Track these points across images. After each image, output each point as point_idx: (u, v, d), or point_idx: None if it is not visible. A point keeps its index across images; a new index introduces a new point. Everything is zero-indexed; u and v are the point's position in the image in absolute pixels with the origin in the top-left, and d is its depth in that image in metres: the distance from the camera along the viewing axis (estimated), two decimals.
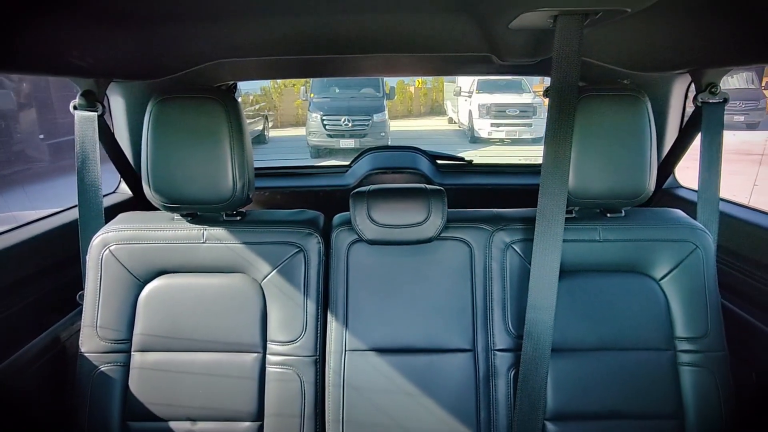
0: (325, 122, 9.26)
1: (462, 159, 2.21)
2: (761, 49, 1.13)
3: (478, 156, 8.70)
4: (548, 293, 1.13)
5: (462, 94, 11.53)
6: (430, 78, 13.91)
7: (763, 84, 13.13)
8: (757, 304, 1.31)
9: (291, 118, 13.16)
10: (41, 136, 8.19)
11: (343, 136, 9.27)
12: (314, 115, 9.40)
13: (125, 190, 1.78)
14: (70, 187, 1.38)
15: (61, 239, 1.41)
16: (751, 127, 12.23)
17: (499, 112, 10.22)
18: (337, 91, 9.92)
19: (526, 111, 10.11)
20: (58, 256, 1.40)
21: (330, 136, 9.33)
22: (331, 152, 9.53)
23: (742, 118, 12.27)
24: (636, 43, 1.40)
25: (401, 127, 12.53)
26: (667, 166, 1.68)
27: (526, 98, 10.27)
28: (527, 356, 1.14)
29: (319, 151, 9.53)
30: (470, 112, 10.76)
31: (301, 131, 10.81)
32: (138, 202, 1.73)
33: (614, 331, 1.21)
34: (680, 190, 1.80)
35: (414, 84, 14.64)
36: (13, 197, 7.05)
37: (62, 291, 1.37)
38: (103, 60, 1.28)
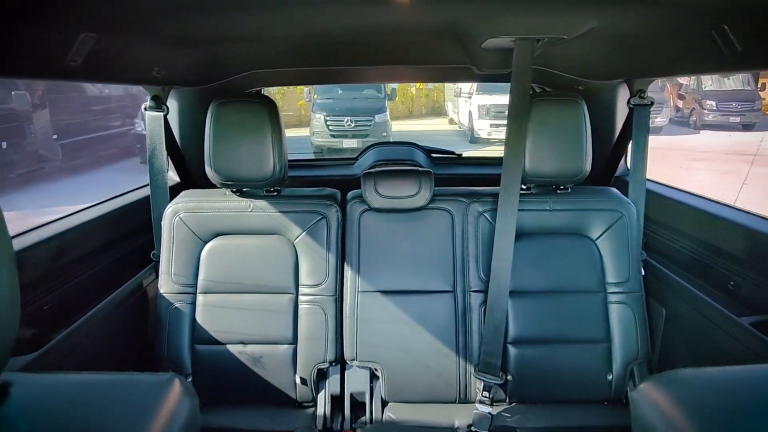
0: (328, 122, 9.67)
1: (452, 152, 2.65)
2: (672, 65, 1.56)
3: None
4: (507, 247, 1.56)
5: (462, 95, 11.94)
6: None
7: (759, 85, 13.55)
8: (673, 259, 1.73)
9: (294, 119, 13.59)
10: (54, 136, 8.63)
11: (345, 136, 9.69)
12: (318, 115, 9.82)
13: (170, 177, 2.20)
14: (82, 185, 1.78)
15: (133, 212, 1.84)
16: (746, 127, 12.65)
17: (498, 112, 10.59)
18: (340, 92, 10.34)
19: None
20: (132, 225, 1.83)
21: (333, 136, 9.75)
22: (334, 152, 9.94)
23: (738, 119, 12.68)
24: (584, 59, 1.83)
25: (403, 128, 12.93)
26: (617, 155, 2.10)
27: None
28: (492, 294, 1.57)
29: (322, 151, 9.93)
30: (470, 112, 11.18)
31: (303, 131, 11.21)
32: (183, 186, 2.15)
33: (560, 278, 1.63)
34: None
35: (415, 85, 15.06)
36: (26, 196, 7.49)
37: (137, 251, 1.80)
38: (172, 72, 1.71)
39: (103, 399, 0.69)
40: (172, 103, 2.06)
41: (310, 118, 10.51)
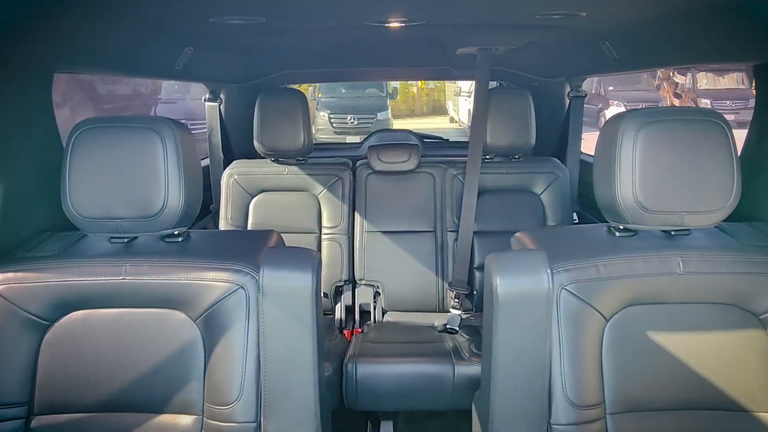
0: (332, 120, 10.34)
1: (441, 138, 3.32)
2: (588, 67, 2.23)
3: None
4: (472, 200, 2.22)
5: (462, 93, 12.59)
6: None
7: (753, 84, 14.13)
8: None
9: None
10: None
11: (348, 134, 10.33)
12: (322, 113, 10.49)
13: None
14: None
15: None
16: (741, 125, 13.24)
17: None
18: (344, 91, 11.00)
19: None
20: None
21: (336, 133, 10.40)
22: None
23: (732, 117, 13.27)
24: (534, 62, 2.50)
25: (404, 126, 13.58)
26: (566, 135, 2.76)
27: None
28: (462, 233, 2.23)
29: None
30: (469, 111, 11.79)
31: None
32: (226, 160, 2.83)
33: (512, 222, 2.29)
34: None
35: (417, 84, 15.71)
36: None
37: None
38: (227, 72, 2.39)
39: (238, 239, 1.37)
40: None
41: (314, 116, 11.18)
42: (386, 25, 1.66)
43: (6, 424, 1.13)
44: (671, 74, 13.97)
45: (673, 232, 1.20)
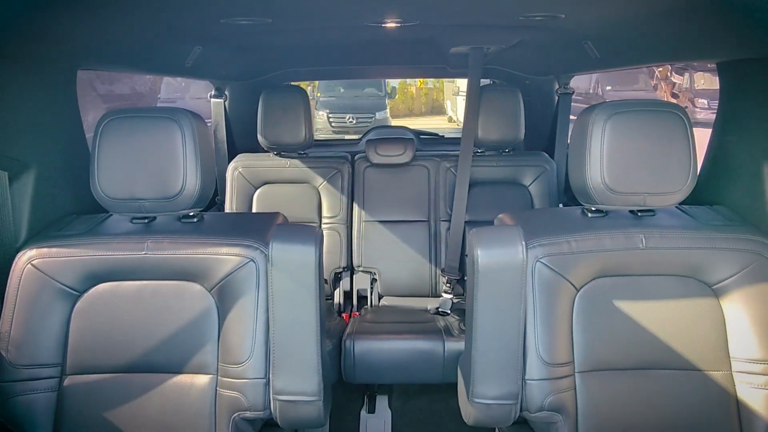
0: (331, 119, 10.49)
1: (436, 134, 3.48)
2: (575, 65, 2.39)
3: None
4: (463, 191, 2.38)
5: (460, 93, 12.72)
6: (431, 78, 15.24)
7: None
8: None
9: None
10: None
11: (347, 133, 10.49)
12: (320, 113, 10.63)
13: None
14: None
15: None
16: None
17: None
18: (342, 90, 11.15)
19: None
20: None
21: (335, 132, 10.56)
22: None
23: None
24: (525, 61, 2.66)
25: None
26: (554, 132, 2.92)
27: None
28: (454, 222, 2.38)
29: None
30: None
31: None
32: (230, 154, 2.97)
33: (503, 211, 2.42)
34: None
35: (415, 84, 15.87)
36: None
37: None
38: (233, 70, 2.54)
39: (248, 220, 1.52)
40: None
41: (312, 116, 11.30)
42: (383, 25, 1.81)
43: (42, 382, 1.28)
44: (669, 74, 14.15)
45: (639, 213, 1.36)
